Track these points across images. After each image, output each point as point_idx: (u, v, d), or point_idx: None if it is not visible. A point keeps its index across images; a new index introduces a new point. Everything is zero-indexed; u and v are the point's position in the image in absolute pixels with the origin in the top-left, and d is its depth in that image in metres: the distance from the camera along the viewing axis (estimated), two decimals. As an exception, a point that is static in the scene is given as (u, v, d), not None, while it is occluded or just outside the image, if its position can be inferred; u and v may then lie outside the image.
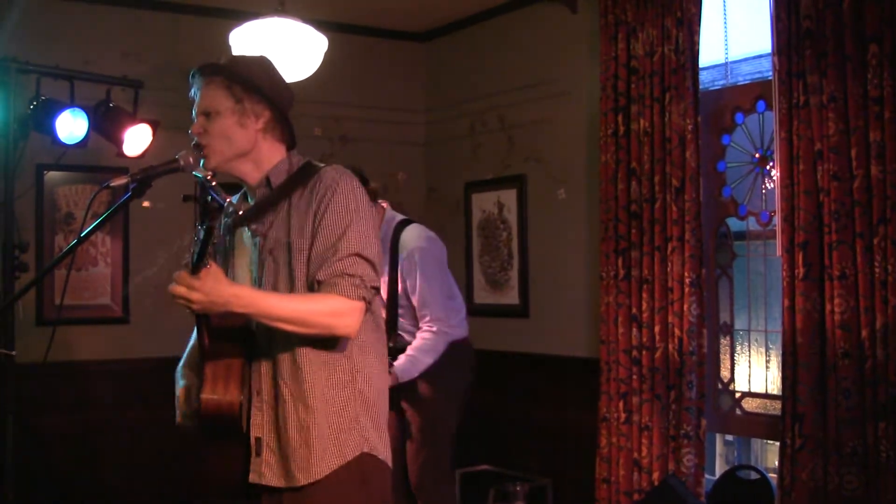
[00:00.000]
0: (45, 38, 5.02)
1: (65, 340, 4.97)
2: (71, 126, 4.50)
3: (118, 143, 4.68)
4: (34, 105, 4.46)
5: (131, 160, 4.68)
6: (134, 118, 4.70)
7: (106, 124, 4.65)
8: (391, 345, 4.12)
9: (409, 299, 4.24)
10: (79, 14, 5.24)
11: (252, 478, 2.53)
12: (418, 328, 4.24)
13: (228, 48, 4.52)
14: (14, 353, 4.17)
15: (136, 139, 4.71)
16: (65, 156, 4.70)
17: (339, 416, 2.51)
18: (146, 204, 5.34)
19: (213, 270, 2.29)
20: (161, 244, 5.32)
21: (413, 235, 4.27)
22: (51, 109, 4.45)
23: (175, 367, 2.76)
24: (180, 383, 2.71)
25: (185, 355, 2.76)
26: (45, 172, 5.12)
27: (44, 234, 5.14)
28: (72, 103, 4.51)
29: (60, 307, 5.05)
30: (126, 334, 5.36)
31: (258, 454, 2.53)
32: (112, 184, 2.47)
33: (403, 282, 4.22)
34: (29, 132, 4.50)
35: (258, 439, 2.53)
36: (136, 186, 2.49)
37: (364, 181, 3.30)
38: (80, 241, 2.56)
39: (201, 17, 5.55)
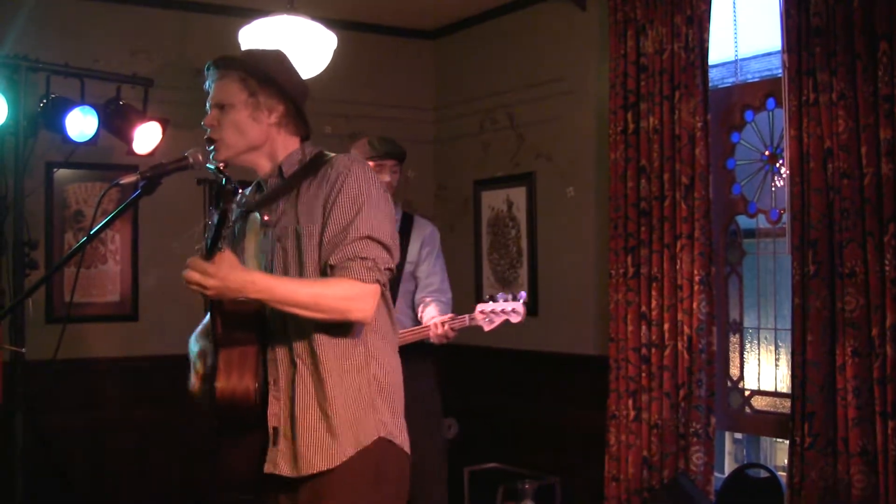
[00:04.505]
0: (54, 37, 5.03)
1: (74, 338, 4.98)
2: (81, 124, 4.52)
3: (128, 140, 4.71)
4: (44, 103, 4.49)
5: (141, 158, 4.71)
6: (143, 116, 4.72)
7: (116, 122, 4.67)
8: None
9: (412, 279, 4.19)
10: (88, 12, 5.25)
11: (268, 468, 2.50)
12: (413, 311, 4.18)
13: (238, 46, 4.53)
14: (24, 350, 4.19)
15: (146, 137, 4.73)
16: (74, 153, 4.72)
17: (355, 401, 2.48)
18: None
19: (227, 256, 2.29)
20: (170, 242, 5.35)
21: (421, 218, 4.32)
22: (61, 107, 4.47)
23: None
24: (195, 348, 2.68)
25: (199, 328, 2.74)
26: (55, 170, 5.12)
27: (53, 231, 5.15)
28: (82, 101, 4.54)
29: (70, 305, 5.07)
30: (135, 332, 5.38)
31: (275, 444, 2.51)
32: (122, 181, 2.48)
33: (418, 254, 4.18)
34: (39, 130, 4.53)
35: (275, 429, 2.51)
36: (145, 184, 2.50)
37: None
38: (90, 238, 2.57)
39: (211, 15, 5.55)
